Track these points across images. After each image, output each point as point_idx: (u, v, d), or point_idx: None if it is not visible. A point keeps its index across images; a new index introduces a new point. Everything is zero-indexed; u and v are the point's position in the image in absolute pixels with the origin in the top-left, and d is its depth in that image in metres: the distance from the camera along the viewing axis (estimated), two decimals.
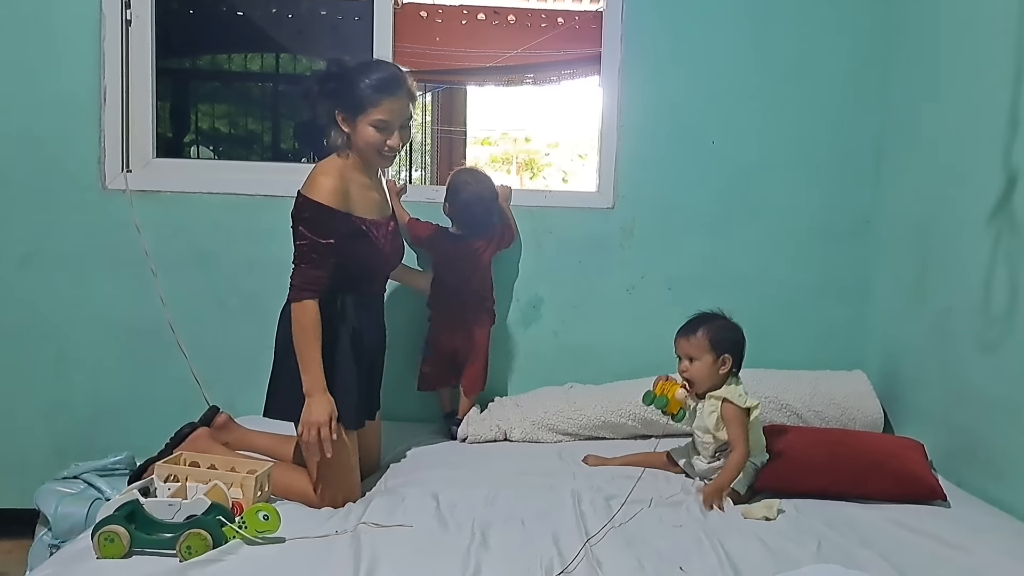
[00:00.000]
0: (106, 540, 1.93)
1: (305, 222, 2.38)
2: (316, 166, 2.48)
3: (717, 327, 2.60)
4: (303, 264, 2.39)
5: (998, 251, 2.50)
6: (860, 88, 3.25)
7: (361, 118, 2.43)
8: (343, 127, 2.46)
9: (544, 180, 7.83)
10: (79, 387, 3.18)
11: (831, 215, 3.29)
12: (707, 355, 2.57)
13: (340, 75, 2.45)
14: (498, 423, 3.02)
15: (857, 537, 2.17)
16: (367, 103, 2.41)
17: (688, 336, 2.61)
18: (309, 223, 2.38)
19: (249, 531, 2.03)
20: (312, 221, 2.38)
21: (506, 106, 6.07)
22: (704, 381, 2.58)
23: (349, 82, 2.43)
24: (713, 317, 2.65)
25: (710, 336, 2.58)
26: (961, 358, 2.69)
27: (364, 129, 2.43)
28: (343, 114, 2.45)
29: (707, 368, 2.57)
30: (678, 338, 2.65)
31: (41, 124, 3.09)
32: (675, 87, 3.25)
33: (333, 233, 2.40)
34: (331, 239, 2.39)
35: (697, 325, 2.61)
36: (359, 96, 2.42)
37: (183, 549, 1.94)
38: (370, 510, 2.27)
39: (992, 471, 2.53)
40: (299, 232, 2.39)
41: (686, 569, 1.95)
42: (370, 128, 2.43)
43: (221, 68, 4.32)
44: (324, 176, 2.41)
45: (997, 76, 2.53)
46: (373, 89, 2.41)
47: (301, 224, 2.39)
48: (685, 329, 2.64)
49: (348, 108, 2.44)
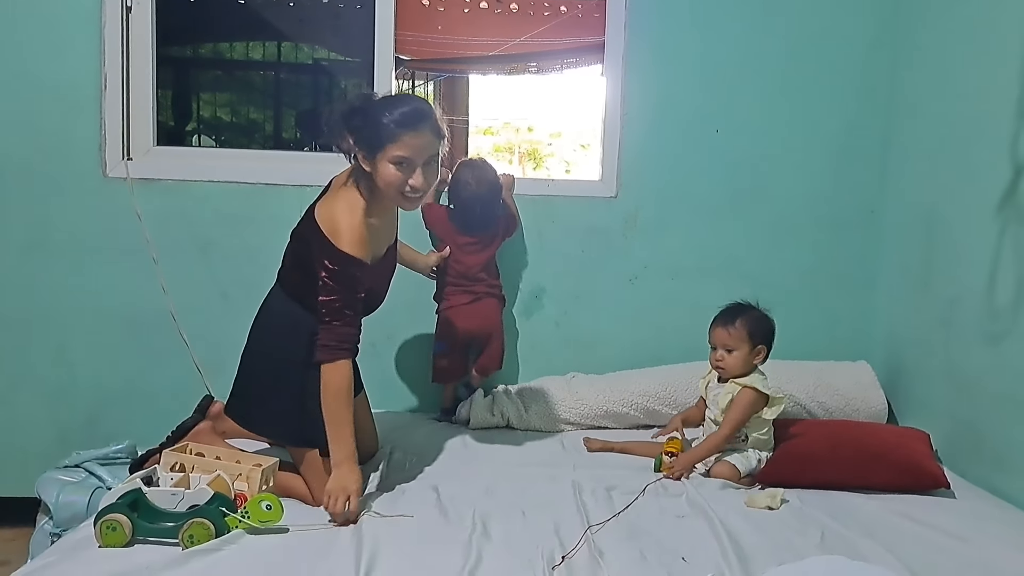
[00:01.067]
0: (108, 528, 1.93)
1: (335, 275, 2.23)
2: (338, 202, 2.30)
3: (754, 318, 2.61)
4: (335, 322, 2.24)
5: (1004, 242, 2.48)
6: (867, 77, 3.23)
7: (380, 156, 2.23)
8: (364, 166, 2.28)
9: (547, 170, 7.80)
10: (81, 376, 3.17)
11: (836, 205, 3.28)
12: (744, 345, 2.58)
13: (364, 109, 2.27)
14: (501, 410, 3.02)
15: (860, 528, 2.16)
16: (386, 139, 2.22)
17: (727, 326, 2.61)
18: (340, 277, 2.23)
19: (252, 520, 2.02)
20: (343, 275, 2.23)
21: (509, 95, 6.04)
22: (737, 370, 2.60)
23: (371, 117, 2.24)
24: (748, 307, 2.65)
25: (748, 327, 2.58)
26: (966, 349, 2.68)
27: (384, 168, 2.23)
28: (363, 152, 2.26)
29: (743, 358, 2.59)
30: (715, 327, 2.64)
31: (41, 112, 3.07)
32: (679, 76, 3.23)
33: (362, 286, 2.28)
34: (361, 293, 2.28)
35: (735, 315, 2.61)
36: (379, 132, 2.22)
37: (185, 538, 1.94)
38: (370, 501, 2.27)
39: (997, 462, 2.53)
40: (326, 285, 2.23)
41: (688, 560, 1.95)
42: (390, 166, 2.23)
43: (222, 56, 4.30)
44: (350, 227, 2.24)
45: (1004, 66, 2.51)
46: (394, 124, 2.21)
47: (331, 278, 2.23)
48: (723, 319, 2.63)
49: (368, 145, 2.25)
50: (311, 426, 2.29)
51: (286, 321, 2.39)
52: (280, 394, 2.36)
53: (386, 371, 2.98)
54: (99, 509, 1.98)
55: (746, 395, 2.55)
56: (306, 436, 2.33)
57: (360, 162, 2.28)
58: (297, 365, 2.33)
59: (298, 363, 2.32)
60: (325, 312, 2.24)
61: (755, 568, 1.90)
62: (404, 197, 2.29)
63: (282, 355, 2.38)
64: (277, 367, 2.37)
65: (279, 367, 2.37)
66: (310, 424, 2.30)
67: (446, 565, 1.88)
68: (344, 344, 2.25)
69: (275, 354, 2.40)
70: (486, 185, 3.04)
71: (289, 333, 2.37)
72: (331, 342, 2.24)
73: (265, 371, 2.40)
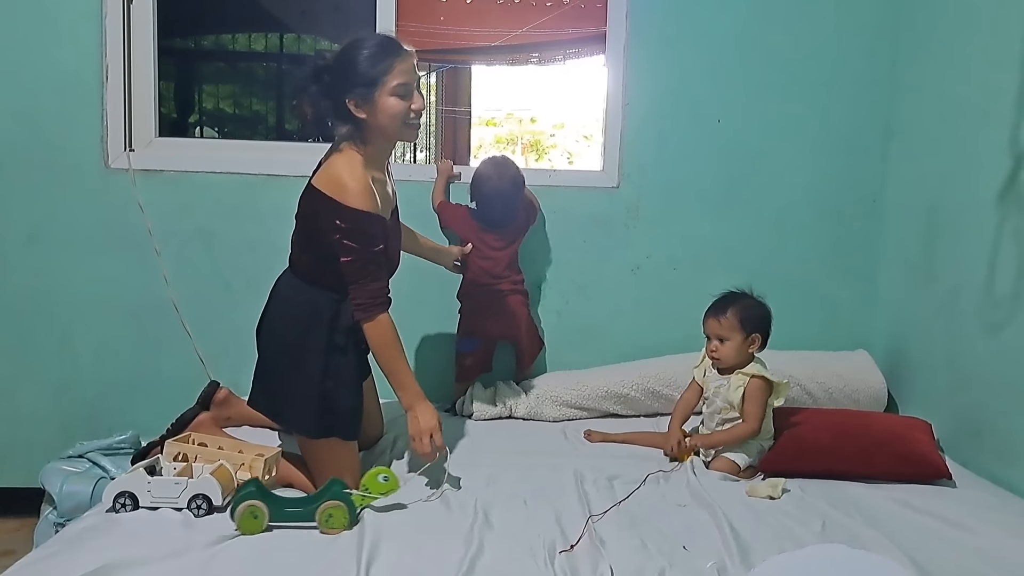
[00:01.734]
0: (250, 515, 1.97)
1: (350, 234, 2.22)
2: (334, 162, 2.30)
3: (746, 306, 2.60)
4: (360, 280, 2.25)
5: (1005, 232, 2.48)
6: (868, 67, 3.22)
7: (380, 92, 2.23)
8: (358, 113, 2.25)
9: (549, 161, 7.78)
10: (84, 367, 3.18)
11: (838, 195, 3.27)
12: (737, 335, 2.58)
13: (335, 64, 2.27)
14: (503, 400, 3.03)
15: (862, 517, 2.17)
16: (381, 73, 2.22)
17: (718, 316, 2.60)
18: (355, 234, 2.22)
19: (373, 494, 2.09)
20: (358, 232, 2.22)
21: (511, 86, 6.03)
22: (733, 360, 2.59)
23: (351, 64, 2.23)
24: (741, 296, 2.65)
25: (740, 316, 2.58)
26: (968, 339, 2.67)
27: (386, 102, 2.23)
28: (355, 99, 2.24)
29: (737, 347, 2.58)
30: (707, 318, 2.64)
31: (43, 103, 3.08)
32: (681, 66, 3.22)
33: (379, 239, 2.27)
34: (380, 245, 2.27)
35: (726, 305, 2.61)
36: (371, 71, 2.22)
37: (324, 518, 1.99)
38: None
39: (998, 452, 2.52)
40: (344, 246, 2.22)
41: (690, 548, 1.95)
42: (392, 99, 2.24)
43: (225, 48, 4.30)
44: (352, 179, 2.23)
45: (1006, 56, 2.50)
46: (382, 56, 2.22)
47: (346, 237, 2.22)
48: (714, 309, 2.63)
49: (360, 89, 2.23)
50: (329, 413, 2.32)
51: (302, 307, 2.38)
52: (300, 380, 2.34)
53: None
54: (236, 496, 2.00)
55: (756, 385, 2.55)
56: (324, 424, 2.33)
57: (354, 112, 2.26)
58: (316, 350, 2.33)
59: (317, 348, 2.33)
60: (349, 273, 2.25)
61: (756, 557, 1.90)
62: (407, 126, 2.31)
63: (300, 341, 2.35)
64: (296, 354, 2.35)
65: (298, 354, 2.34)
66: (328, 411, 2.32)
67: (448, 554, 1.89)
68: (377, 299, 2.27)
69: (293, 341, 2.36)
70: (508, 180, 3.03)
71: (307, 318, 2.36)
72: (364, 300, 2.26)
73: (284, 359, 2.37)
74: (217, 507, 2.07)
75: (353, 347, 2.38)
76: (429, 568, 1.82)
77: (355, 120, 2.29)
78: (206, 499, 2.05)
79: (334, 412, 2.33)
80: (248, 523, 1.97)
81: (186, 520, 2.02)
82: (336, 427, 2.33)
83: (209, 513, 2.05)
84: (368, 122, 2.27)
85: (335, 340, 2.34)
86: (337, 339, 2.34)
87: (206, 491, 2.06)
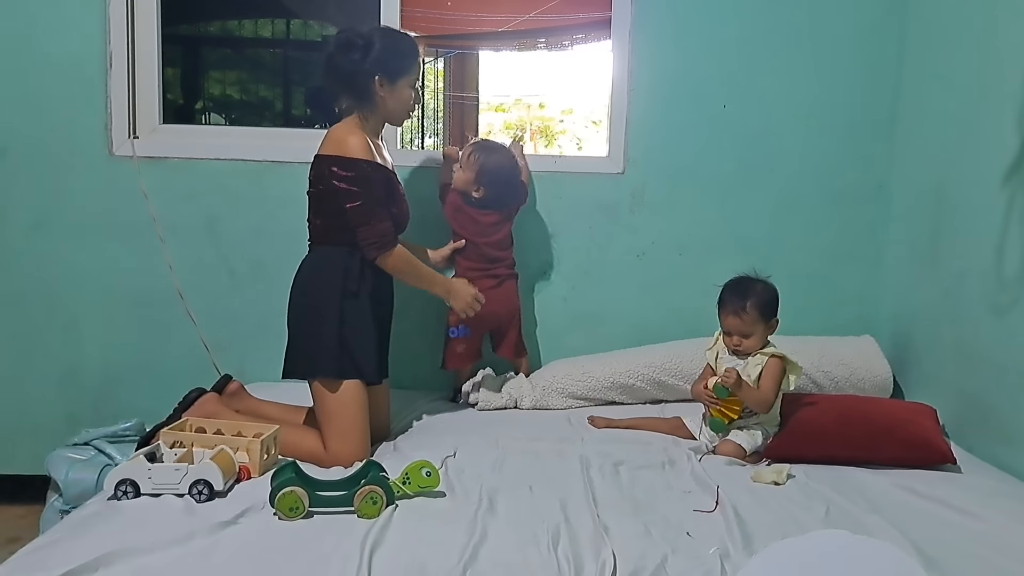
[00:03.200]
0: (292, 502, 1.97)
1: (354, 180, 2.45)
2: (334, 129, 2.54)
3: (760, 293, 2.58)
4: (368, 223, 2.48)
5: (1012, 215, 2.46)
6: (875, 51, 3.19)
7: (403, 81, 2.56)
8: (379, 91, 2.54)
9: (559, 147, 7.76)
10: (89, 354, 3.19)
11: (844, 179, 3.25)
12: (759, 326, 2.57)
13: (370, 42, 2.53)
14: (509, 391, 3.02)
15: (866, 503, 2.15)
16: (408, 66, 2.57)
17: (740, 314, 2.56)
18: (358, 180, 2.45)
19: (412, 487, 2.09)
20: (361, 178, 2.46)
21: (519, 72, 6.01)
22: (756, 348, 2.59)
23: (391, 49, 2.54)
24: (751, 283, 2.61)
25: (759, 309, 2.56)
26: (973, 323, 2.66)
27: (404, 91, 2.58)
28: (384, 78, 2.53)
29: (760, 337, 2.58)
30: (727, 315, 2.60)
31: (47, 90, 3.08)
32: (686, 51, 3.20)
33: (380, 185, 2.50)
34: (381, 191, 2.50)
35: (743, 299, 2.56)
36: (402, 61, 2.55)
37: (364, 503, 1.99)
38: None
39: (1004, 436, 2.51)
40: (351, 192, 2.45)
41: (693, 535, 1.94)
42: (407, 89, 2.58)
43: (231, 34, 4.30)
44: (351, 135, 2.49)
45: (1013, 39, 2.48)
46: (411, 52, 2.59)
47: (351, 184, 2.45)
48: (733, 305, 2.58)
49: (390, 70, 2.53)
50: (348, 357, 2.50)
51: (318, 265, 2.57)
52: (319, 330, 2.51)
53: (395, 345, 2.94)
54: (271, 485, 2.00)
55: (776, 364, 2.54)
56: (342, 366, 2.49)
57: (376, 89, 2.53)
58: (331, 299, 2.51)
59: (332, 297, 2.52)
60: (356, 217, 2.47)
61: (759, 544, 1.89)
62: (408, 115, 2.68)
63: (318, 293, 2.54)
64: (315, 307, 2.52)
65: (317, 305, 2.52)
66: (347, 355, 2.50)
67: (452, 541, 1.87)
68: (386, 238, 2.51)
69: (312, 298, 2.54)
70: (510, 162, 3.07)
71: (322, 273, 2.55)
72: (374, 239, 2.49)
73: (304, 317, 2.55)
74: (218, 492, 2.06)
75: (367, 294, 2.56)
76: (433, 554, 1.82)
77: (367, 96, 2.55)
78: (207, 484, 2.05)
79: (352, 355, 2.50)
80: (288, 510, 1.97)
81: (188, 506, 2.02)
82: (355, 369, 2.50)
83: (211, 499, 2.05)
84: (382, 101, 2.56)
85: (348, 287, 2.52)
86: (350, 286, 2.52)
87: (207, 476, 2.05)
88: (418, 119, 5.86)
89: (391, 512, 2.01)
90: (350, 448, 2.43)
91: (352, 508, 2.01)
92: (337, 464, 2.39)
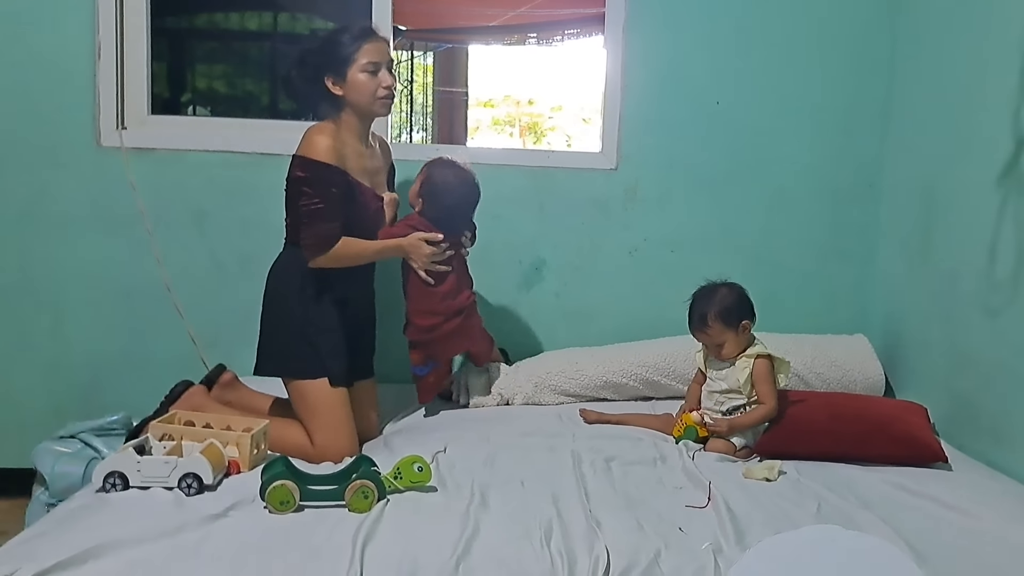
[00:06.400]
0: (282, 496, 1.96)
1: (306, 181, 2.44)
2: (308, 131, 2.52)
3: (719, 301, 2.58)
4: (312, 222, 2.45)
5: (1005, 214, 2.46)
6: (867, 50, 3.20)
7: (351, 69, 2.51)
8: (335, 90, 2.54)
9: (548, 144, 7.75)
10: (76, 347, 3.17)
11: (836, 177, 3.26)
12: (727, 333, 2.57)
13: (318, 47, 2.58)
14: (500, 391, 3.00)
15: (857, 499, 2.16)
16: (351, 53, 2.51)
17: (704, 330, 2.59)
18: (313, 182, 2.44)
19: (403, 482, 2.08)
20: (313, 180, 2.44)
21: (509, 67, 6.00)
22: (736, 351, 2.59)
23: (329, 46, 2.54)
24: (709, 293, 2.62)
25: (721, 317, 2.56)
26: (965, 322, 2.66)
27: (356, 78, 2.52)
28: (332, 76, 2.53)
29: (735, 343, 2.58)
30: (695, 334, 2.63)
31: (35, 81, 3.06)
32: (680, 47, 3.20)
33: (336, 186, 2.47)
34: (334, 195, 2.46)
35: (704, 313, 2.58)
36: (341, 52, 2.52)
37: (355, 497, 1.98)
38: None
39: (994, 435, 2.52)
40: (303, 192, 2.45)
41: (686, 530, 1.94)
42: (361, 75, 2.51)
43: (218, 27, 4.27)
44: (319, 135, 2.47)
45: (1007, 36, 2.48)
46: (354, 38, 2.52)
47: (303, 184, 2.45)
48: (695, 323, 2.61)
49: (335, 67, 2.52)
50: (314, 356, 2.51)
51: (285, 263, 2.59)
52: (284, 329, 2.55)
53: (385, 341, 2.92)
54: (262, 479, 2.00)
55: (764, 365, 2.55)
56: (309, 366, 2.51)
57: (331, 88, 2.53)
58: (293, 299, 2.54)
59: (294, 296, 2.54)
60: (304, 215, 2.46)
61: (751, 539, 1.90)
62: (379, 102, 2.57)
63: (283, 292, 2.57)
64: (282, 306, 2.56)
65: (281, 305, 2.56)
66: (313, 355, 2.51)
67: (444, 535, 1.87)
68: (326, 240, 2.47)
69: (278, 295, 2.58)
70: (462, 186, 2.75)
71: (288, 272, 2.56)
72: (311, 240, 2.47)
73: (272, 315, 2.59)
74: (208, 486, 2.05)
75: (331, 297, 2.57)
76: (425, 549, 1.81)
77: (333, 97, 2.55)
78: (196, 478, 2.04)
79: (319, 354, 2.51)
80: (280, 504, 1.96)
81: (177, 499, 2.00)
82: (323, 368, 2.51)
83: (200, 492, 2.04)
84: (345, 98, 2.55)
85: (308, 289, 2.53)
86: (310, 287, 2.53)
87: (196, 470, 2.04)
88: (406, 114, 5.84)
89: (382, 506, 2.01)
90: (337, 442, 2.44)
91: (343, 502, 1.99)
92: (326, 459, 2.39)
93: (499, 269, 3.19)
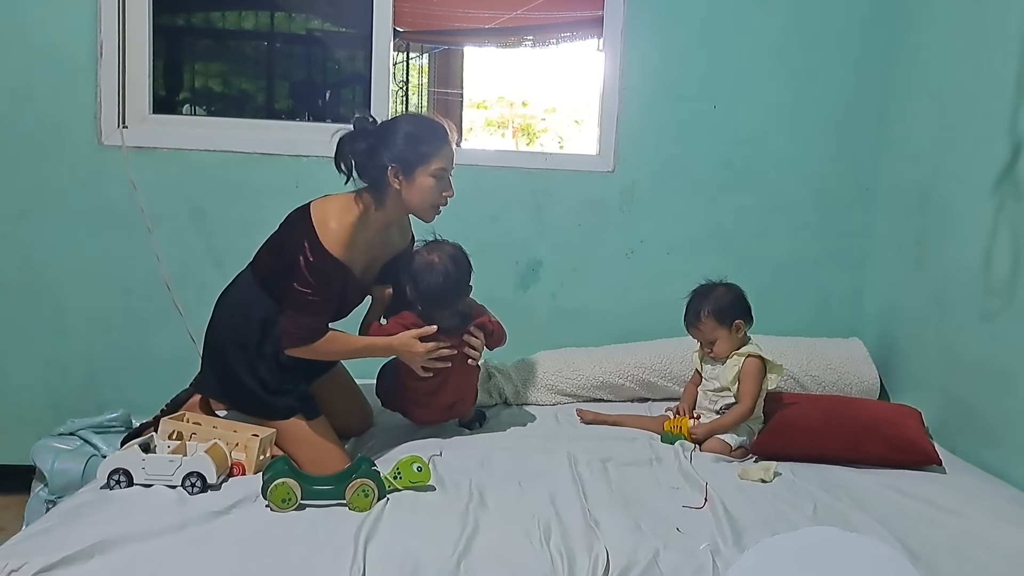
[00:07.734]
0: (284, 493, 1.97)
1: (310, 268, 2.25)
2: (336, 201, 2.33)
3: (715, 299, 2.62)
4: (299, 310, 2.28)
5: (1001, 219, 2.49)
6: (863, 54, 3.23)
7: (421, 170, 2.31)
8: (393, 183, 2.31)
9: (540, 145, 7.76)
10: (76, 344, 3.18)
11: (832, 181, 3.29)
12: (721, 330, 2.61)
13: (382, 130, 2.35)
14: (499, 389, 3.01)
15: (853, 501, 2.18)
16: (430, 153, 2.32)
17: (697, 325, 2.64)
18: (314, 271, 2.25)
19: (403, 482, 2.09)
20: (317, 270, 2.25)
21: (503, 69, 6.00)
22: (729, 351, 2.62)
23: (398, 134, 2.32)
24: (707, 291, 2.66)
25: (715, 315, 2.60)
26: (959, 326, 2.69)
27: (424, 181, 2.32)
28: (398, 169, 2.30)
29: (727, 341, 2.62)
30: (688, 329, 2.68)
31: (37, 79, 3.06)
32: (677, 51, 3.23)
33: (335, 284, 2.31)
34: (331, 292, 2.31)
35: (698, 310, 2.63)
36: (420, 148, 2.31)
37: (355, 496, 1.99)
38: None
39: (987, 438, 2.54)
40: (303, 278, 2.25)
41: (683, 531, 1.96)
42: (429, 180, 2.32)
43: (214, 26, 4.26)
44: (339, 227, 2.28)
45: (1002, 43, 2.51)
46: (434, 138, 2.33)
47: (307, 269, 2.25)
48: (689, 318, 2.66)
49: (405, 161, 2.30)
50: (277, 399, 2.39)
51: (245, 305, 2.43)
52: (244, 369, 2.39)
53: None
54: (266, 475, 2.00)
55: (753, 364, 2.58)
56: (281, 410, 2.39)
57: (390, 180, 2.31)
58: (247, 349, 2.39)
59: (248, 347, 2.38)
60: (294, 300, 2.28)
61: (748, 540, 1.91)
62: (435, 209, 2.39)
63: (236, 337, 2.41)
64: (232, 348, 2.41)
65: (234, 348, 2.40)
66: (273, 398, 2.39)
67: (444, 533, 1.89)
68: (312, 334, 2.30)
69: (231, 335, 2.42)
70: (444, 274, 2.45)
71: (245, 316, 2.41)
72: (294, 330, 2.29)
73: (223, 350, 2.43)
74: (211, 485, 2.06)
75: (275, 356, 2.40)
76: (426, 547, 1.82)
77: (380, 185, 2.34)
78: (200, 477, 2.05)
79: (277, 396, 2.39)
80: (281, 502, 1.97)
81: (180, 497, 2.02)
82: (288, 409, 2.39)
83: (203, 491, 2.05)
84: (398, 193, 2.33)
85: (264, 344, 2.38)
86: (266, 345, 2.38)
87: (200, 469, 2.05)
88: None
89: (383, 505, 2.02)
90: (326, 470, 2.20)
91: (344, 501, 2.01)
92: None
93: (496, 269, 3.19)
